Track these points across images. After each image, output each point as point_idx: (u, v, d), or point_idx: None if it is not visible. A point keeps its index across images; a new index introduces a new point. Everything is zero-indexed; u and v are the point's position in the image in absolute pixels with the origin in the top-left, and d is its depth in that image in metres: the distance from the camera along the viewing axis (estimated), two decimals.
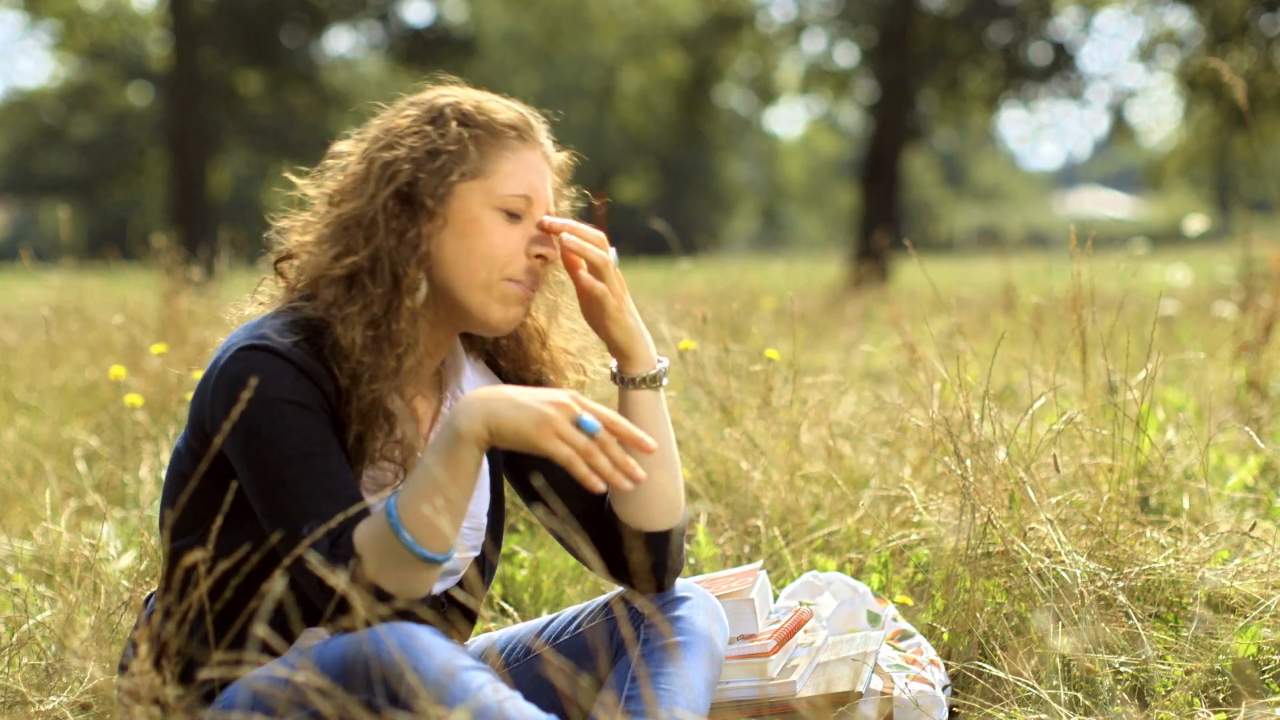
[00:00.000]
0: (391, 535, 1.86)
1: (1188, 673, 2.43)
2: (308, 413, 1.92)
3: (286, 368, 1.92)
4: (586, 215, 2.22)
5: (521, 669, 2.20)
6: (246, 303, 2.13)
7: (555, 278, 2.18)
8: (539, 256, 2.04)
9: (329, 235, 2.02)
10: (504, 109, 2.08)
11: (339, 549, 1.86)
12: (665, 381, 2.16)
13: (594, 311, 2.13)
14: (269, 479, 1.90)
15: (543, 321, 2.20)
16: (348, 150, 2.09)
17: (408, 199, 2.00)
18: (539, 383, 2.19)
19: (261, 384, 1.90)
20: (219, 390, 1.93)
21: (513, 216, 2.04)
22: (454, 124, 2.03)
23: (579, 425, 1.86)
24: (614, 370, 2.16)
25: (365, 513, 1.90)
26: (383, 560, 1.86)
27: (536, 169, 2.07)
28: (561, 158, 2.14)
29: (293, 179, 2.12)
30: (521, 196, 2.04)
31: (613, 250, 2.11)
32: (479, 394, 1.90)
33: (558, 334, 2.21)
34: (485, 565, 2.20)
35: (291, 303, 2.03)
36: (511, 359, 2.21)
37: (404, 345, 1.98)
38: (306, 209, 2.09)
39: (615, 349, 2.14)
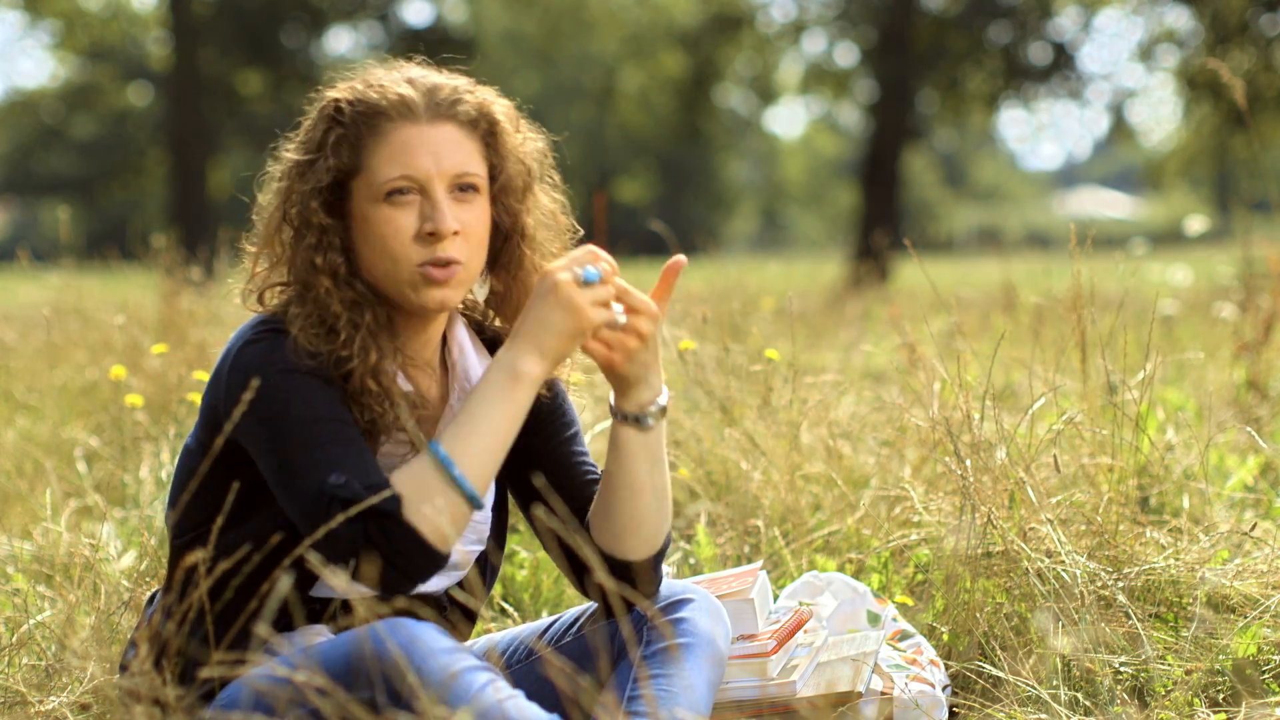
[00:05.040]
0: (438, 470, 1.87)
1: (1188, 673, 2.42)
2: (324, 384, 1.93)
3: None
4: (585, 214, 2.19)
5: (523, 670, 2.20)
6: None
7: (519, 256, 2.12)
8: (430, 234, 1.96)
9: (258, 251, 2.05)
10: (381, 92, 1.99)
11: (374, 490, 1.84)
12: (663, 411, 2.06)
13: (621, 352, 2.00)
14: (289, 439, 1.88)
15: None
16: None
17: (299, 213, 1.99)
18: None
19: (280, 357, 1.91)
20: (236, 369, 1.93)
21: (397, 197, 1.96)
22: (324, 127, 2.00)
23: (585, 281, 1.90)
24: (616, 406, 2.04)
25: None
26: (424, 497, 1.85)
27: (423, 143, 1.97)
28: (500, 108, 2.06)
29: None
30: (400, 178, 1.96)
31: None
32: (513, 341, 1.91)
33: None
34: (488, 567, 2.20)
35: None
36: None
37: (357, 341, 1.95)
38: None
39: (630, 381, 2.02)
